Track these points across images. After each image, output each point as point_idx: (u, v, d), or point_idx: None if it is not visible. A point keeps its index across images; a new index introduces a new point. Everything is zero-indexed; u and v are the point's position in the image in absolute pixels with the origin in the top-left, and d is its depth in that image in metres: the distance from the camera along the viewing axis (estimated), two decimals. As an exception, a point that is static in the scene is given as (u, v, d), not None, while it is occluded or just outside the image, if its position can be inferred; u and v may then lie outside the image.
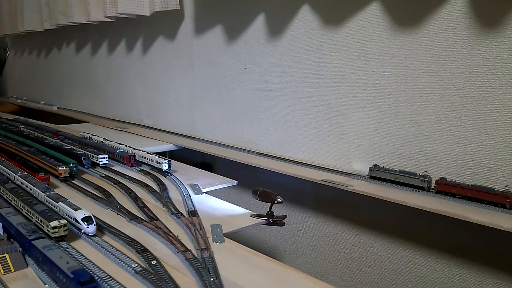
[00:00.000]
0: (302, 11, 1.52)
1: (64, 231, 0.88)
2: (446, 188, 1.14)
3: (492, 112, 1.11)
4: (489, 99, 1.11)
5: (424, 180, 1.18)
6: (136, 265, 0.79)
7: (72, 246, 0.87)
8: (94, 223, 0.93)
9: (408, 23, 1.25)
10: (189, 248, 0.87)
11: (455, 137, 1.18)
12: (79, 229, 0.94)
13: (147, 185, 1.29)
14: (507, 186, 1.08)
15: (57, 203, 0.98)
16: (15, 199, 1.03)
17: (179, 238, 0.92)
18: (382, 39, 1.31)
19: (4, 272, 0.78)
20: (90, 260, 0.81)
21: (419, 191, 1.19)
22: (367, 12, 1.34)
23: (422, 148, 1.25)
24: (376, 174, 1.28)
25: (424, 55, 1.22)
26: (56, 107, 3.23)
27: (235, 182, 1.37)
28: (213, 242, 0.92)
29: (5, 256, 0.81)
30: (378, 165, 1.31)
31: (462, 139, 1.17)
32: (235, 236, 0.98)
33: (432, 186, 1.18)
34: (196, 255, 0.84)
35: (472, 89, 1.14)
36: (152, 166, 1.47)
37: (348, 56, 1.40)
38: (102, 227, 0.97)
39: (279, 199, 1.08)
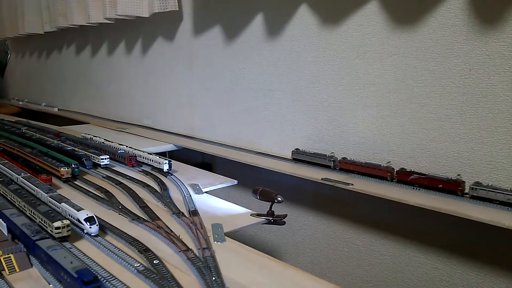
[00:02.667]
0: (300, 10, 1.53)
1: (67, 231, 0.89)
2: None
3: (493, 109, 1.11)
4: (490, 96, 1.11)
5: (330, 160, 1.40)
6: (139, 264, 0.80)
7: (75, 246, 0.88)
8: (97, 223, 0.93)
9: (407, 20, 1.25)
10: (190, 247, 0.88)
11: (456, 135, 1.19)
12: (82, 229, 0.94)
13: (148, 185, 1.30)
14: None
15: (60, 203, 0.99)
16: (19, 200, 1.04)
17: (180, 237, 0.92)
18: (381, 37, 1.31)
19: (9, 272, 0.79)
20: (93, 260, 0.82)
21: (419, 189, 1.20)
22: (365, 10, 1.34)
23: (422, 146, 1.26)
24: (297, 157, 1.52)
25: (423, 53, 1.22)
26: (57, 109, 3.24)
27: (235, 182, 1.38)
28: (214, 241, 0.93)
29: (10, 257, 0.81)
30: (299, 149, 1.53)
31: (462, 136, 1.17)
32: (235, 235, 0.98)
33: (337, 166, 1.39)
34: (197, 254, 0.85)
35: (472, 86, 1.14)
36: (153, 166, 1.48)
37: (347, 55, 1.41)
38: (105, 227, 0.98)
39: (279, 198, 1.08)
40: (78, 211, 0.95)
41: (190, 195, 1.21)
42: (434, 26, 1.20)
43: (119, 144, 1.67)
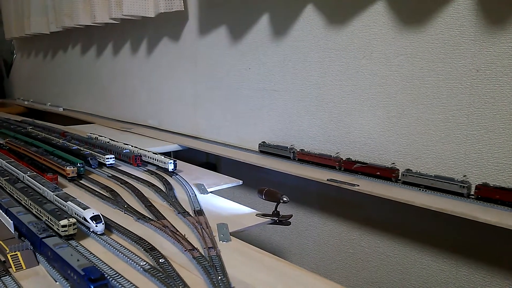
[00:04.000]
0: (307, 11, 1.53)
1: (73, 229, 0.89)
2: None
3: (500, 110, 1.11)
4: (497, 97, 1.11)
5: (290, 151, 1.55)
6: (145, 263, 0.80)
7: (81, 244, 0.88)
8: (103, 221, 0.94)
9: (413, 21, 1.25)
10: (196, 246, 0.88)
11: (463, 136, 1.18)
12: (88, 228, 0.94)
13: (153, 185, 1.30)
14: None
15: (66, 202, 0.99)
16: (25, 198, 1.04)
17: (186, 237, 0.92)
18: (387, 37, 1.31)
19: (16, 270, 0.79)
20: (99, 258, 0.82)
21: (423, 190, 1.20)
22: (372, 11, 1.34)
23: (428, 147, 1.25)
24: (263, 149, 1.67)
25: (430, 54, 1.22)
26: (62, 109, 3.25)
27: (240, 182, 1.38)
28: (219, 241, 0.93)
29: (16, 254, 0.81)
30: (265, 142, 1.68)
31: (469, 138, 1.17)
32: (240, 235, 0.98)
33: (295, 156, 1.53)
34: (203, 254, 0.85)
35: (479, 87, 1.14)
36: (158, 166, 1.48)
37: (353, 55, 1.40)
38: (110, 226, 0.98)
39: (284, 199, 1.08)
40: (84, 209, 0.95)
41: (195, 195, 1.21)
42: (441, 26, 1.19)
43: (124, 143, 1.67)
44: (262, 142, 1.69)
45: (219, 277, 0.75)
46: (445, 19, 1.18)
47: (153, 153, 1.52)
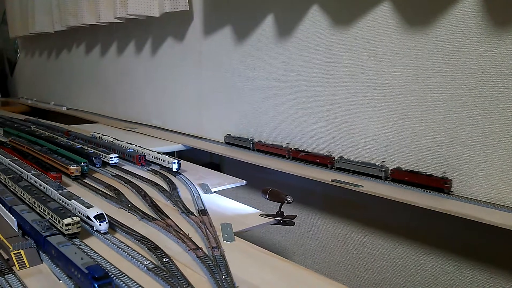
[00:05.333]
0: (312, 11, 1.53)
1: (77, 228, 0.89)
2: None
3: (505, 112, 1.10)
4: (502, 99, 1.10)
5: (250, 142, 1.73)
6: (148, 262, 0.80)
7: (85, 243, 0.88)
8: (106, 220, 0.94)
9: (419, 22, 1.24)
10: (200, 246, 0.88)
11: (467, 138, 1.18)
12: (92, 227, 0.95)
13: (157, 184, 1.30)
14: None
15: (69, 201, 0.99)
16: (29, 196, 1.04)
17: (190, 236, 0.92)
18: (392, 38, 1.31)
19: (19, 268, 0.79)
20: (102, 257, 0.82)
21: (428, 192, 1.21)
22: (377, 12, 1.34)
23: (433, 149, 1.25)
24: (228, 141, 1.84)
25: (435, 55, 1.22)
26: (66, 108, 3.26)
27: (244, 182, 1.38)
28: (223, 240, 0.93)
29: (20, 252, 0.81)
30: (230, 134, 1.85)
31: (474, 139, 1.16)
32: (244, 236, 0.98)
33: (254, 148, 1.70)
34: (207, 253, 0.85)
35: (484, 89, 1.13)
36: (162, 165, 1.48)
37: (358, 56, 1.40)
38: (114, 225, 0.98)
39: (289, 199, 1.08)
40: (88, 208, 0.95)
41: (199, 195, 1.21)
42: (446, 28, 1.19)
43: (128, 143, 1.67)
44: (228, 134, 1.87)
45: (223, 277, 0.75)
46: (451, 20, 1.18)
47: (157, 152, 1.52)
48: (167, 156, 1.47)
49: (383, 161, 1.34)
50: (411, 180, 1.23)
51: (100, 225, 0.93)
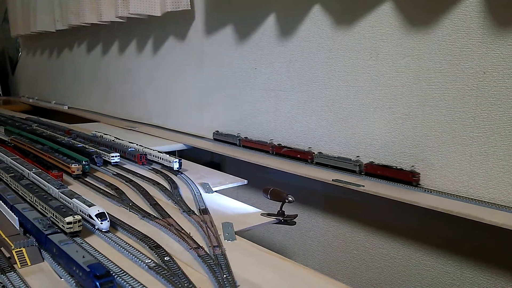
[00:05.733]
0: (313, 11, 1.53)
1: (78, 226, 0.89)
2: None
3: (507, 113, 1.10)
4: (504, 99, 1.10)
5: (237, 139, 1.80)
6: (150, 260, 0.80)
7: (86, 242, 0.88)
8: (108, 219, 0.94)
9: (421, 22, 1.24)
10: (201, 245, 0.88)
11: (469, 138, 1.18)
12: (93, 225, 0.95)
13: (158, 183, 1.30)
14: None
15: (71, 199, 0.99)
16: (30, 195, 1.04)
17: (191, 235, 0.92)
18: (394, 38, 1.31)
19: (21, 266, 0.79)
20: (104, 255, 0.82)
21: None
22: (379, 12, 1.34)
23: (434, 149, 1.25)
24: (218, 137, 1.91)
25: (437, 55, 1.22)
26: (67, 107, 3.26)
27: (245, 182, 1.38)
28: (224, 239, 0.93)
29: (21, 250, 0.82)
30: (218, 131, 1.93)
31: (475, 139, 1.16)
32: (245, 235, 0.98)
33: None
34: (208, 252, 0.85)
35: (486, 89, 1.13)
36: (163, 165, 1.48)
37: (360, 56, 1.40)
38: (115, 224, 0.98)
39: (290, 198, 1.08)
40: (89, 207, 0.95)
41: (200, 194, 1.21)
42: (448, 28, 1.19)
43: (129, 142, 1.67)
44: (216, 131, 1.94)
45: (224, 276, 0.75)
46: (453, 20, 1.18)
47: (158, 151, 1.52)
48: (168, 155, 1.47)
49: (357, 156, 1.42)
50: (383, 173, 1.30)
51: (101, 223, 0.93)
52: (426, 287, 1.33)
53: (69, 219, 0.88)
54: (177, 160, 1.42)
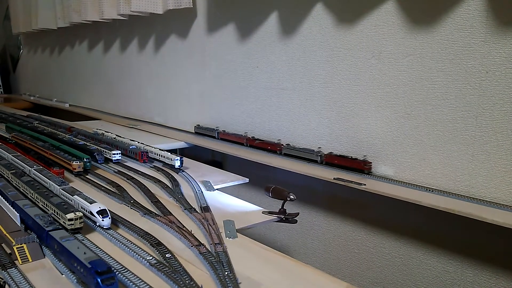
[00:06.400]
0: (316, 10, 1.52)
1: (80, 223, 0.89)
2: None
3: (509, 112, 1.10)
4: (506, 98, 1.10)
5: (216, 132, 1.91)
6: (151, 257, 0.80)
7: (87, 238, 0.88)
8: (109, 216, 0.94)
9: (423, 21, 1.24)
10: (202, 242, 0.87)
11: (471, 137, 1.17)
12: (94, 222, 0.95)
13: (159, 181, 1.30)
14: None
15: (72, 196, 0.99)
16: (31, 191, 1.04)
17: (192, 232, 0.92)
18: (396, 37, 1.30)
19: (22, 262, 0.79)
20: (105, 252, 0.82)
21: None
22: (381, 10, 1.33)
23: (436, 148, 1.25)
24: (199, 131, 2.03)
25: (439, 54, 1.21)
26: (68, 104, 3.26)
27: (247, 180, 1.37)
28: (226, 237, 0.93)
29: (23, 246, 0.82)
30: (200, 124, 2.05)
31: (477, 139, 1.16)
32: (246, 233, 0.98)
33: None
34: (210, 250, 0.85)
35: (488, 88, 1.13)
36: (164, 162, 1.48)
37: (362, 55, 1.40)
38: (117, 221, 0.98)
39: (291, 196, 1.08)
40: (90, 203, 0.95)
41: (201, 192, 1.21)
42: (451, 27, 1.19)
43: (130, 140, 1.67)
44: (197, 125, 2.06)
45: (226, 273, 0.75)
46: (455, 19, 1.18)
47: (160, 149, 1.52)
48: (169, 153, 1.47)
49: (319, 147, 1.53)
50: (339, 163, 1.42)
51: (102, 220, 0.93)
52: (427, 286, 1.32)
53: (70, 215, 0.88)
54: (178, 158, 1.42)
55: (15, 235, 0.87)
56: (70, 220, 0.88)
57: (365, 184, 1.25)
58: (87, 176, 1.35)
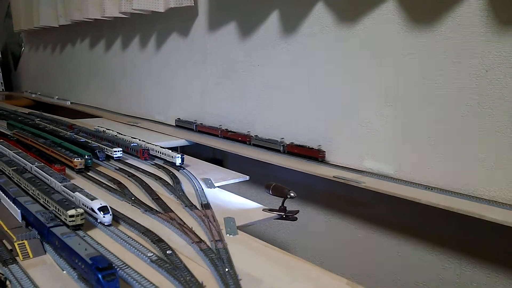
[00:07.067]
0: (317, 8, 1.52)
1: (81, 220, 0.89)
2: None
3: (509, 111, 1.10)
4: (506, 97, 1.10)
5: (194, 124, 2.06)
6: (152, 254, 0.80)
7: (88, 235, 0.89)
8: (110, 213, 0.94)
9: (424, 20, 1.24)
10: (203, 239, 0.88)
11: (470, 136, 1.18)
12: (95, 219, 0.95)
13: (160, 178, 1.30)
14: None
15: (73, 193, 1.00)
16: (33, 188, 1.04)
17: (193, 229, 0.93)
18: (397, 36, 1.31)
19: (23, 258, 0.80)
20: (106, 249, 0.82)
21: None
22: (382, 10, 1.33)
23: (435, 147, 1.25)
24: (179, 124, 2.17)
25: (440, 53, 1.22)
26: (69, 102, 3.26)
27: (247, 177, 1.38)
28: (226, 234, 0.93)
29: (24, 243, 0.82)
30: (180, 118, 2.19)
31: (477, 137, 1.16)
32: (246, 230, 0.98)
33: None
34: (210, 246, 0.85)
35: (488, 87, 1.13)
36: (165, 160, 1.48)
37: (363, 54, 1.40)
38: (118, 218, 0.98)
39: (292, 194, 1.08)
40: (91, 200, 0.95)
41: (202, 189, 1.21)
42: (451, 26, 1.19)
43: (132, 137, 1.68)
44: (178, 118, 2.19)
45: (226, 269, 0.75)
46: (456, 19, 1.18)
47: (161, 147, 1.53)
48: (170, 151, 1.47)
49: (282, 138, 1.66)
50: (299, 152, 1.56)
51: (104, 217, 0.93)
52: (426, 283, 1.33)
53: (71, 212, 0.89)
54: (179, 155, 1.42)
55: (16, 231, 0.87)
56: (71, 216, 0.89)
57: (364, 182, 1.26)
58: (88, 173, 1.36)
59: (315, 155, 1.51)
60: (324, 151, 1.51)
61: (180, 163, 1.42)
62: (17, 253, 0.81)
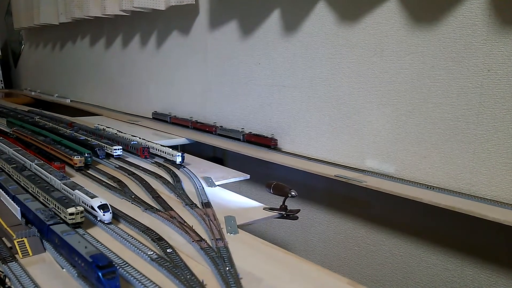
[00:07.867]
0: (318, 7, 1.52)
1: (81, 217, 0.89)
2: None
3: (511, 111, 1.10)
4: (508, 97, 1.10)
5: (168, 117, 2.23)
6: (152, 252, 0.80)
7: (88, 233, 0.88)
8: (110, 211, 0.94)
9: (425, 19, 1.24)
10: (203, 238, 0.88)
11: (472, 135, 1.17)
12: (95, 217, 0.95)
13: (161, 177, 1.30)
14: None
15: (73, 190, 0.99)
16: (32, 186, 1.04)
17: (193, 228, 0.92)
18: (399, 35, 1.30)
19: (22, 256, 0.79)
20: (106, 247, 0.82)
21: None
22: (384, 8, 1.33)
23: (437, 146, 1.25)
24: (156, 116, 2.34)
25: (441, 52, 1.21)
26: (69, 100, 3.26)
27: (248, 176, 1.37)
28: (227, 233, 0.93)
29: (23, 240, 0.82)
30: (156, 111, 2.36)
31: (478, 137, 1.16)
32: (247, 229, 0.98)
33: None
34: (211, 245, 0.85)
35: (490, 87, 1.13)
36: (166, 158, 1.48)
37: (364, 53, 1.40)
38: (118, 216, 0.98)
39: (292, 193, 1.08)
40: (91, 198, 0.95)
41: (202, 188, 1.20)
42: (453, 25, 1.18)
43: (132, 135, 1.67)
44: (154, 111, 2.35)
45: (227, 268, 0.75)
46: (458, 17, 1.17)
47: (161, 145, 1.52)
48: (171, 149, 1.46)
49: (242, 128, 1.83)
50: (256, 140, 1.71)
51: (104, 215, 0.93)
52: (427, 284, 1.33)
53: (71, 210, 0.88)
54: (179, 154, 1.42)
55: (16, 229, 0.87)
56: (71, 214, 0.88)
57: (366, 181, 1.25)
58: (88, 171, 1.35)
59: (268, 143, 1.66)
60: (276, 139, 1.68)
61: (180, 162, 1.42)
62: (17, 251, 0.80)
